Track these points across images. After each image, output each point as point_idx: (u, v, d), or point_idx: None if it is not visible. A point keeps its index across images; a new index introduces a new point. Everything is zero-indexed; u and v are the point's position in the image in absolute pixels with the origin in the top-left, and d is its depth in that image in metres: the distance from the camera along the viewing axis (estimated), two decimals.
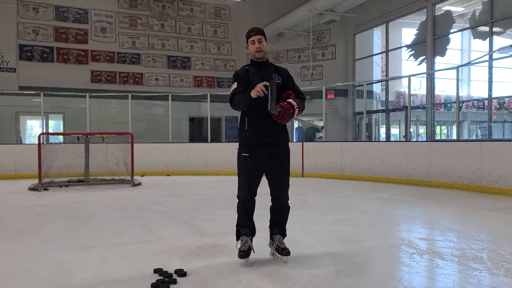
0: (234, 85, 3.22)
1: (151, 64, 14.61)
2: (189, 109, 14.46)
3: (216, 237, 4.08)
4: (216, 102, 13.63)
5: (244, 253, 3.14)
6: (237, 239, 3.25)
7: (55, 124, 14.45)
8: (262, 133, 3.16)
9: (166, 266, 3.05)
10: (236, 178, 3.30)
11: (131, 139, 8.77)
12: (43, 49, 13.36)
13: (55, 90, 12.18)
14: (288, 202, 3.30)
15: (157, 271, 2.94)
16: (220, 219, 5.05)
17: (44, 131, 12.25)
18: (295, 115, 3.16)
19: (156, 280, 2.75)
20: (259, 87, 2.98)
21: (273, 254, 3.27)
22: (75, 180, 8.65)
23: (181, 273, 2.89)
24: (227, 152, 11.52)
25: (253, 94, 3.01)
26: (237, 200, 3.27)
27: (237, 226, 3.28)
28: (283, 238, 3.27)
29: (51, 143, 10.95)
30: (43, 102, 11.55)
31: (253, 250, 3.19)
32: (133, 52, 14.39)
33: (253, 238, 3.26)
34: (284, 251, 3.17)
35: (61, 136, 12.17)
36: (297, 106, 3.13)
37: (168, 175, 11.06)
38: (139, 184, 8.81)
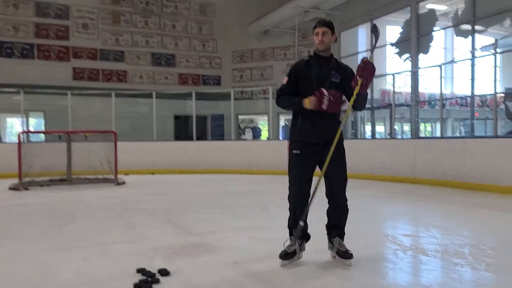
0: (285, 80, 3.09)
1: (135, 62, 14.42)
2: (174, 107, 14.31)
3: (201, 236, 4.04)
4: (201, 100, 13.53)
5: (285, 255, 3.02)
6: (289, 236, 3.12)
7: (37, 123, 14.18)
8: (315, 132, 3.00)
9: (149, 266, 2.99)
10: (221, 176, 3.26)
11: (115, 138, 8.66)
12: (23, 45, 13.07)
13: (36, 88, 11.92)
14: (347, 203, 3.13)
15: (140, 271, 2.89)
16: (205, 218, 5.02)
17: (25, 129, 12.00)
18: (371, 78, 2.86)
19: (139, 280, 2.70)
20: (315, 100, 2.86)
21: (334, 257, 3.12)
22: (57, 179, 8.50)
23: (164, 272, 2.85)
24: (213, 151, 11.48)
25: (308, 105, 2.89)
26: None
27: (288, 224, 3.13)
28: (343, 240, 3.11)
29: (31, 142, 10.73)
30: (23, 100, 11.31)
31: (299, 256, 3.06)
32: (117, 49, 14.17)
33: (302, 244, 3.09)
34: (346, 255, 3.01)
35: (43, 135, 11.95)
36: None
37: (153, 174, 10.95)
38: (123, 183, 8.70)
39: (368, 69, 2.83)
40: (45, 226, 4.65)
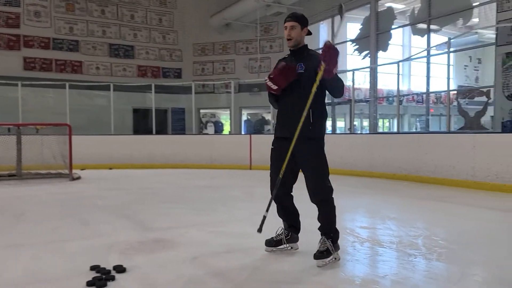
0: None
1: (91, 52, 13.85)
2: (132, 100, 13.88)
3: (160, 232, 3.95)
4: (161, 93, 13.23)
5: (269, 241, 3.16)
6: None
7: None
8: (283, 126, 3.08)
9: (105, 262, 2.88)
10: (182, 171, 3.19)
11: (69, 131, 8.30)
12: None
13: None
14: (325, 197, 3.21)
15: (94, 268, 2.78)
16: (164, 213, 4.92)
17: None
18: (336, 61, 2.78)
19: (93, 278, 2.59)
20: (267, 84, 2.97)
21: None
22: (5, 174, 8.06)
23: (120, 269, 2.75)
24: (173, 145, 11.28)
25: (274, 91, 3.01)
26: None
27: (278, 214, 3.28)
28: (330, 240, 3.03)
29: None
30: None
31: (289, 246, 3.21)
32: (71, 39, 13.54)
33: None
34: (315, 253, 2.93)
35: None
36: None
37: (110, 169, 10.63)
38: (78, 178, 8.38)
39: (330, 53, 2.73)
40: None
